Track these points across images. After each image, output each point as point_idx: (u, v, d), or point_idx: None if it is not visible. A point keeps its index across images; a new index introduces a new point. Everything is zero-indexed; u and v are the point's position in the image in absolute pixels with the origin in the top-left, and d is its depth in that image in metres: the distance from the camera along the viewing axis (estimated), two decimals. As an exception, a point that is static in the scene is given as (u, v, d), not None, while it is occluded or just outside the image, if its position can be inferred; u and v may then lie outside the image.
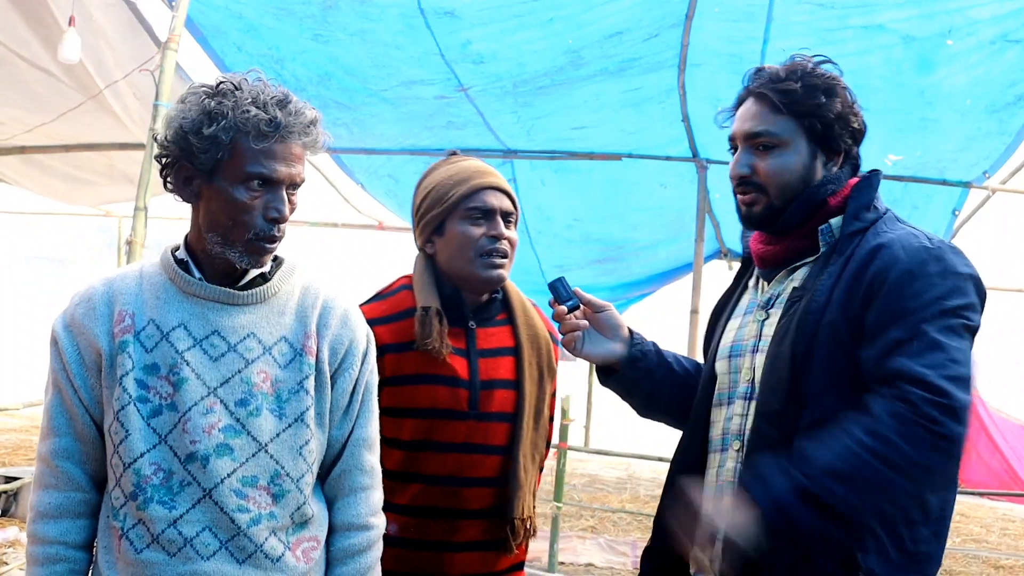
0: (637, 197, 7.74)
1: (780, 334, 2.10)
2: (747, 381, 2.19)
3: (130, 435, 1.93)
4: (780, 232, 2.21)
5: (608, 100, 6.43)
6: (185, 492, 1.93)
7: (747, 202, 2.22)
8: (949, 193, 7.12)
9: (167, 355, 1.96)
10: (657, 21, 5.62)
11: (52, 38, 5.17)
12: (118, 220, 10.00)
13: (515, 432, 2.42)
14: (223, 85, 1.95)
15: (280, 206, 1.95)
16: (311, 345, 2.05)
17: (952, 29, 5.32)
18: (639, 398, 2.41)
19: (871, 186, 2.20)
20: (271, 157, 1.93)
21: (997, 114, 6.01)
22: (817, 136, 2.17)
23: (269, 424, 1.99)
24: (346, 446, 2.11)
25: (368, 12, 5.53)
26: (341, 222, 9.81)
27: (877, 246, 2.07)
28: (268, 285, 2.05)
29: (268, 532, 1.97)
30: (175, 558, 1.92)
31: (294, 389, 2.02)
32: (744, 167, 2.20)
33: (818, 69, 2.19)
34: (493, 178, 2.46)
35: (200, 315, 2.00)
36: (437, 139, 7.05)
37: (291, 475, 2.00)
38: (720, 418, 2.23)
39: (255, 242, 1.96)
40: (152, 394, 1.95)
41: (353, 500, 2.11)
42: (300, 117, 1.94)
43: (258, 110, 1.91)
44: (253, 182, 1.93)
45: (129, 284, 2.03)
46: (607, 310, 2.39)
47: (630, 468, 10.35)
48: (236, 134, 1.91)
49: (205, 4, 5.43)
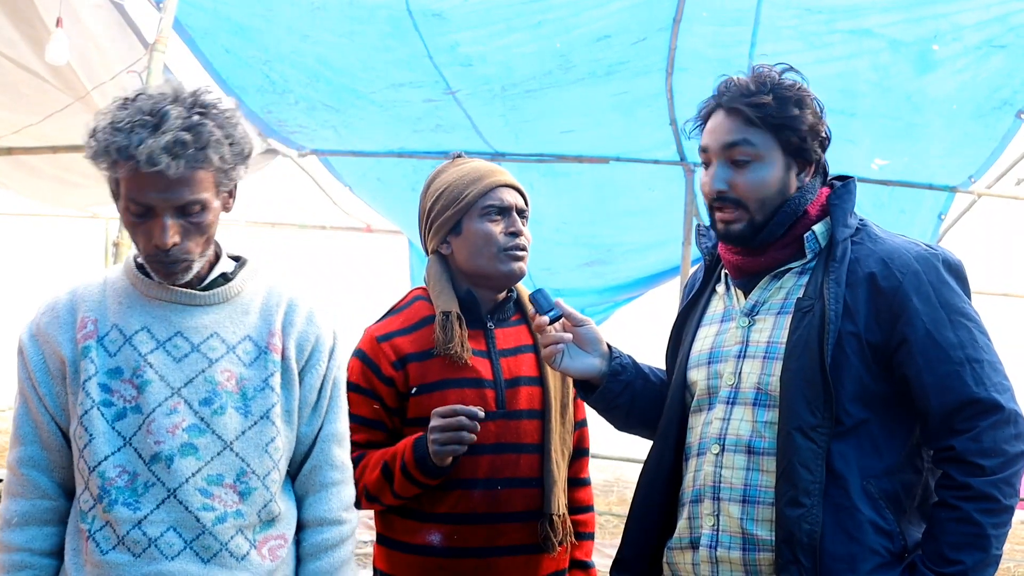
0: (625, 200, 7.74)
1: (800, 347, 2.09)
2: (730, 386, 2.19)
3: (94, 439, 1.94)
4: (761, 245, 2.21)
5: (596, 104, 6.43)
6: (150, 493, 1.94)
7: (726, 220, 2.20)
8: (935, 197, 7.14)
9: (130, 358, 1.97)
10: (645, 25, 5.63)
11: (39, 39, 5.14)
12: (105, 222, 9.96)
13: (545, 427, 2.44)
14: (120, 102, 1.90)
15: (160, 234, 1.90)
16: (276, 343, 2.05)
17: (938, 34, 5.34)
18: (618, 412, 2.39)
19: (850, 192, 2.21)
20: (140, 185, 1.88)
21: (983, 119, 6.04)
22: (792, 148, 2.16)
23: (234, 422, 1.99)
24: (316, 442, 2.12)
25: (356, 14, 5.52)
26: (329, 224, 9.79)
27: (885, 256, 2.10)
28: (230, 285, 2.06)
29: (234, 530, 1.98)
30: (140, 558, 1.92)
31: (259, 387, 2.02)
32: (721, 183, 2.19)
33: (786, 80, 2.18)
34: (506, 176, 2.50)
35: (163, 317, 2.00)
36: (425, 142, 7.03)
37: (257, 473, 2.00)
38: (698, 423, 2.23)
39: (151, 263, 1.96)
40: (116, 397, 1.96)
41: (324, 495, 2.12)
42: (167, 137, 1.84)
43: (119, 136, 1.84)
44: (131, 208, 1.90)
45: (92, 291, 2.04)
46: (587, 324, 2.36)
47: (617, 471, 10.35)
48: (106, 160, 1.88)
49: (193, 6, 5.41)
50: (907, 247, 2.13)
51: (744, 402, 2.16)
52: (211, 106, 1.94)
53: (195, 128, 1.87)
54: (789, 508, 2.04)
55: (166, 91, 1.93)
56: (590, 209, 7.86)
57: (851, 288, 2.08)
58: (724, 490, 2.15)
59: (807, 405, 2.06)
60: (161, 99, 1.90)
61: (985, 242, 8.13)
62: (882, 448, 2.09)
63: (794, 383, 2.08)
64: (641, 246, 8.34)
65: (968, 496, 2.01)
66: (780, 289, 2.19)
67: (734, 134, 2.18)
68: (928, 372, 2.05)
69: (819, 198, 2.21)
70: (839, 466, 2.06)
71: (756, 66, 2.24)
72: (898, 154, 6.44)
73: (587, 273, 8.32)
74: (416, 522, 2.41)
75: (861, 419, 2.07)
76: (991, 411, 2.02)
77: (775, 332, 2.16)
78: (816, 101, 2.20)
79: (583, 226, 8.01)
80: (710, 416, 2.21)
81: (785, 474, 2.06)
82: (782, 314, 2.17)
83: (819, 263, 2.15)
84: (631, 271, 8.75)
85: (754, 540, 2.11)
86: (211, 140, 1.89)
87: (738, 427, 2.15)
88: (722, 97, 2.22)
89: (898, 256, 2.10)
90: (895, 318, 2.07)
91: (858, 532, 2.04)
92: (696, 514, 2.19)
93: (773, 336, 2.16)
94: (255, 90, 6.31)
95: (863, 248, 2.12)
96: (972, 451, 2.01)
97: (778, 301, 2.18)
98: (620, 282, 8.79)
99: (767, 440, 2.12)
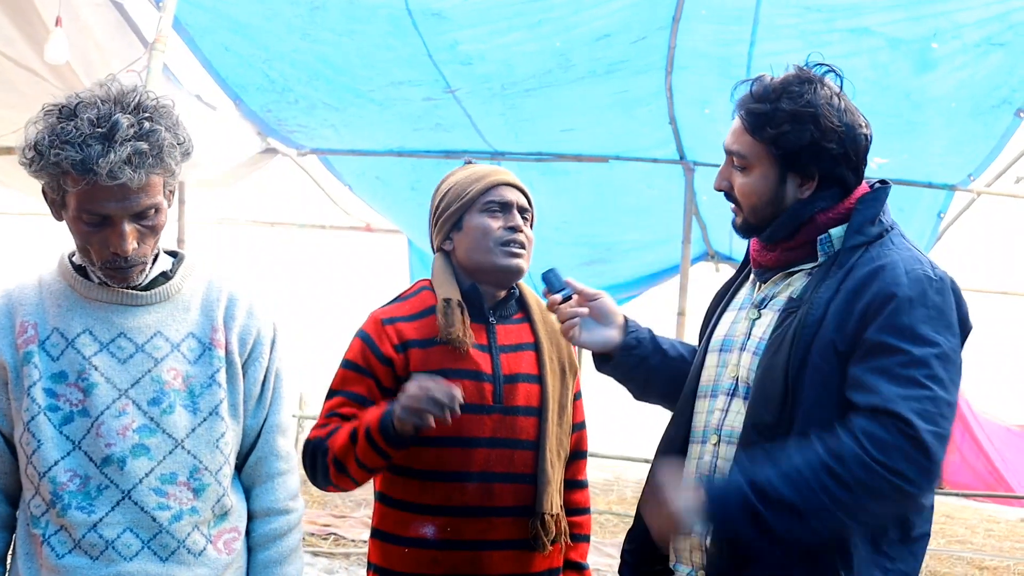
0: (625, 199, 7.75)
1: (775, 345, 2.09)
2: (731, 378, 2.20)
3: (42, 444, 1.93)
4: (769, 241, 2.22)
5: (596, 102, 6.43)
6: (103, 495, 1.94)
7: (733, 212, 2.24)
8: (934, 196, 7.14)
9: (74, 362, 1.96)
10: (644, 24, 5.63)
11: (39, 38, 5.14)
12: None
13: (542, 425, 2.45)
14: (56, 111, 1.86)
15: (119, 241, 1.90)
16: (219, 338, 2.06)
17: (937, 32, 5.34)
18: (635, 383, 2.43)
19: (878, 199, 2.17)
20: (97, 196, 1.86)
21: (982, 117, 6.04)
22: (784, 162, 2.13)
23: (183, 420, 2.00)
24: (260, 434, 2.14)
25: (356, 13, 5.52)
26: (328, 224, 9.79)
27: (879, 267, 2.05)
28: (170, 283, 2.05)
29: (190, 527, 1.99)
30: (98, 561, 1.93)
31: (206, 383, 2.03)
32: (723, 181, 2.22)
33: (800, 89, 2.11)
34: (509, 176, 2.53)
35: (104, 319, 1.99)
36: (425, 141, 7.04)
37: (209, 468, 2.01)
38: (703, 410, 2.25)
39: (107, 269, 1.95)
40: (62, 402, 1.95)
41: (271, 486, 2.14)
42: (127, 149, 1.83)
43: (72, 150, 1.82)
44: (84, 218, 1.89)
45: (29, 294, 2.02)
46: (601, 298, 2.40)
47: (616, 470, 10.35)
48: (57, 172, 1.86)
49: (193, 4, 5.42)
50: (907, 263, 2.06)
51: (740, 396, 2.17)
52: (155, 109, 1.91)
53: (149, 136, 1.86)
54: None
55: (103, 95, 1.89)
56: (590, 208, 7.87)
57: (838, 295, 2.05)
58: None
59: (767, 404, 2.06)
60: (104, 106, 1.87)
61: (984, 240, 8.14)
62: None
63: (762, 381, 2.09)
64: (641, 245, 8.36)
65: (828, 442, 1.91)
66: (787, 288, 2.19)
67: (731, 140, 2.19)
68: (863, 375, 1.96)
69: (839, 206, 2.16)
70: None
71: (795, 64, 2.17)
72: (897, 152, 6.45)
73: (587, 272, 8.32)
74: (410, 514, 2.42)
75: (819, 425, 2.00)
76: (902, 422, 1.89)
77: (768, 329, 2.17)
78: (833, 116, 2.10)
79: (583, 225, 8.03)
80: (713, 405, 2.22)
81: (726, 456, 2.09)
82: (780, 312, 2.17)
83: (824, 266, 2.14)
84: (631, 270, 8.77)
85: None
86: (165, 146, 1.88)
87: (734, 420, 2.16)
88: (738, 98, 2.21)
89: (890, 270, 2.04)
90: (863, 329, 2.01)
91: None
92: None
93: (766, 333, 2.17)
94: (255, 89, 6.32)
95: (868, 257, 2.09)
96: (860, 427, 1.91)
97: (782, 299, 2.18)
98: (620, 281, 8.81)
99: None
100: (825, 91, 2.13)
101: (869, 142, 2.19)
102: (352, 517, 7.56)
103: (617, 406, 2.58)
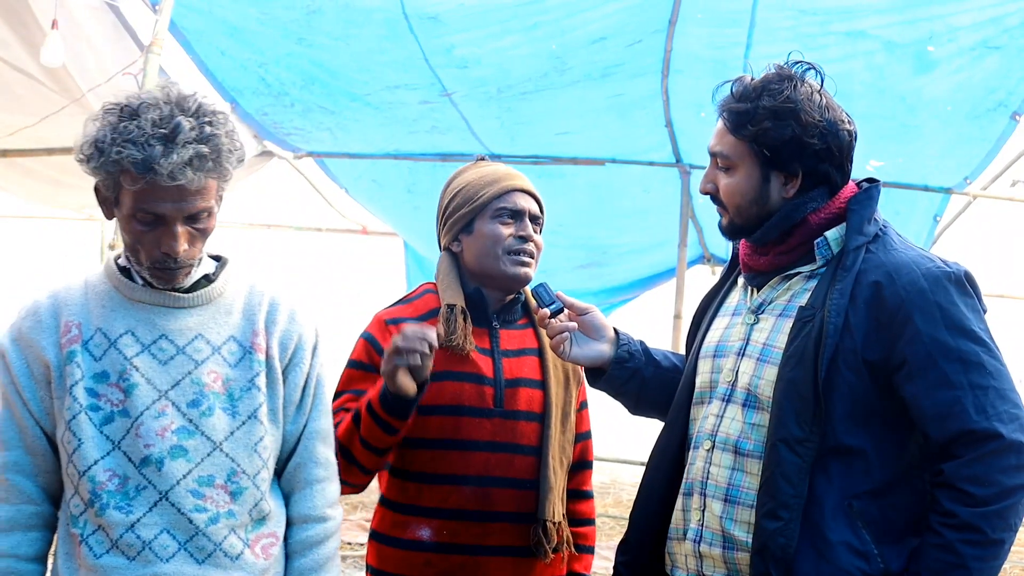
0: (621, 202, 7.74)
1: (796, 357, 2.06)
2: (727, 383, 2.19)
3: (83, 443, 1.95)
4: (760, 243, 2.21)
5: (592, 106, 6.43)
6: (141, 496, 1.95)
7: (719, 213, 2.24)
8: (930, 199, 7.14)
9: (116, 362, 1.98)
10: (640, 27, 5.63)
11: (34, 41, 5.13)
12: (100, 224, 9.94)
13: (544, 432, 2.43)
14: (118, 110, 1.90)
15: (171, 242, 1.93)
16: (260, 342, 2.07)
17: (933, 35, 5.35)
18: (628, 397, 2.42)
19: (871, 198, 2.17)
20: (154, 196, 1.90)
21: (978, 120, 6.05)
22: (766, 160, 2.13)
23: (222, 423, 2.00)
24: (300, 440, 2.13)
25: (352, 17, 5.52)
26: (325, 227, 9.78)
27: (892, 271, 2.04)
28: (213, 286, 2.07)
29: (227, 530, 1.99)
30: (135, 561, 1.93)
31: (246, 387, 2.04)
32: (708, 184, 2.23)
33: (779, 87, 2.12)
34: (523, 181, 2.51)
35: (147, 320, 2.01)
36: (421, 144, 7.03)
37: (247, 472, 2.02)
38: (698, 416, 2.24)
39: (155, 269, 1.97)
40: (103, 401, 1.96)
41: (309, 492, 2.14)
42: (188, 151, 1.87)
43: (133, 149, 1.86)
44: (138, 217, 1.92)
45: (74, 295, 2.04)
46: (591, 312, 2.39)
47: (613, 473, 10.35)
48: (116, 170, 1.89)
49: (188, 8, 5.41)
50: (918, 262, 2.06)
51: (737, 401, 2.16)
52: (214, 114, 1.96)
53: (209, 140, 1.91)
54: (767, 520, 2.03)
55: (165, 98, 1.93)
56: (586, 211, 7.87)
57: (854, 301, 2.03)
58: (710, 487, 2.16)
59: (796, 418, 2.03)
60: (166, 108, 1.91)
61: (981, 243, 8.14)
62: (872, 467, 2.05)
63: (786, 394, 2.06)
64: (637, 248, 8.35)
65: (952, 524, 1.94)
66: (787, 291, 2.18)
67: (715, 142, 2.20)
68: (926, 397, 1.98)
69: (830, 205, 2.16)
70: (819, 483, 2.03)
71: (774, 63, 2.19)
72: (893, 155, 6.45)
73: (583, 275, 8.32)
74: (407, 516, 2.41)
75: (851, 436, 2.03)
76: (989, 439, 1.93)
77: (772, 335, 2.15)
78: (813, 111, 2.10)
79: (579, 228, 8.02)
80: (707, 411, 2.21)
81: (767, 485, 2.05)
82: (783, 317, 2.15)
83: (829, 270, 2.11)
84: (627, 273, 8.76)
85: (732, 540, 2.12)
86: (223, 151, 1.93)
87: (729, 426, 2.15)
88: (720, 99, 2.22)
89: (906, 271, 2.04)
90: (896, 337, 2.01)
91: (828, 552, 2.01)
92: (688, 507, 2.21)
93: (770, 338, 2.15)
94: (251, 92, 6.31)
95: (874, 258, 2.07)
96: (962, 477, 1.94)
97: (782, 303, 2.17)
98: (616, 284, 8.80)
99: (753, 442, 2.12)
100: (805, 88, 2.13)
101: (853, 139, 2.18)
102: (349, 520, 7.55)
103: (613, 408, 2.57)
